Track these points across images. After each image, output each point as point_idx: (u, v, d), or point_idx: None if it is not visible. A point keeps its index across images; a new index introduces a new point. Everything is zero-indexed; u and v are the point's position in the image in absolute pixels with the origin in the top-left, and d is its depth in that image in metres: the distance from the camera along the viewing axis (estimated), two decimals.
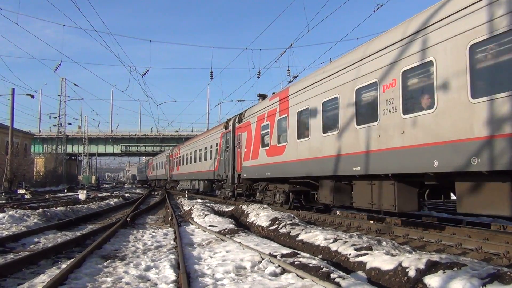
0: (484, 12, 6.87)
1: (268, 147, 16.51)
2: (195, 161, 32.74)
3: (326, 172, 11.86)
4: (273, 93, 17.63)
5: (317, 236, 8.40)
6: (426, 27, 8.14)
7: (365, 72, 10.14)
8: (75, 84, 76.68)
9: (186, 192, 33.75)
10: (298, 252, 6.95)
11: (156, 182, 63.31)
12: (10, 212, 12.73)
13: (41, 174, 63.38)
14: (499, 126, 6.51)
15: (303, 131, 13.56)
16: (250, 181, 20.02)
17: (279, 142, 15.37)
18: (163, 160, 53.21)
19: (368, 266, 6.11)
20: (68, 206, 17.07)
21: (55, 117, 69.14)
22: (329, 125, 11.90)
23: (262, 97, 20.75)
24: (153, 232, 10.80)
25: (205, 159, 28.77)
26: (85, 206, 18.84)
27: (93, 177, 71.13)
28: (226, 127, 23.60)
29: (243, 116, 20.37)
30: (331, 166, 11.50)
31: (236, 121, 21.72)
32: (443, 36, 7.67)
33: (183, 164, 38.54)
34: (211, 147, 27.41)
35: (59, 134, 72.12)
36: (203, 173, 29.11)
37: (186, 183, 37.00)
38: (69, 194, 36.13)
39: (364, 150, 9.98)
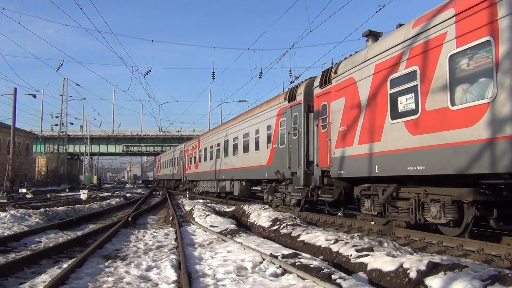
0: None
1: (413, 117, 8.77)
2: (226, 155, 24.17)
3: None
4: (398, 24, 10.40)
5: (318, 237, 8.40)
6: None
7: None
8: (77, 84, 76.39)
9: (183, 192, 33.39)
10: (299, 253, 6.95)
11: (166, 183, 54.01)
12: (12, 212, 12.76)
13: (42, 173, 63.52)
14: None
15: None
16: (345, 182, 12.21)
17: (453, 103, 7.76)
18: (175, 157, 44.00)
19: (369, 267, 6.11)
20: (70, 206, 17.11)
21: (57, 117, 69.31)
22: None
23: (373, 37, 11.80)
24: (154, 232, 10.82)
25: (246, 150, 20.46)
26: (87, 205, 18.88)
27: (95, 177, 71.08)
28: (291, 98, 15.56)
29: (335, 74, 12.28)
30: None
31: (319, 83, 13.35)
32: None
33: (205, 159, 29.79)
34: (257, 132, 19.09)
35: (61, 134, 72.21)
36: (242, 171, 20.86)
37: (209, 185, 28.32)
38: (70, 193, 36.21)
39: None
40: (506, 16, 6.76)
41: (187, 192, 33.48)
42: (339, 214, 13.62)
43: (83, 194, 25.88)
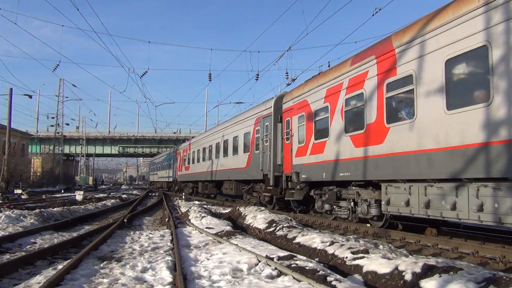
0: None
1: None
2: None
3: None
4: None
5: (314, 239, 8.41)
6: None
7: None
8: (73, 85, 76.03)
9: (183, 193, 32.27)
10: (295, 254, 6.96)
11: (203, 187, 30.15)
12: (7, 212, 12.69)
13: (38, 174, 63.17)
14: None
15: None
16: None
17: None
18: (236, 136, 21.58)
19: (364, 270, 6.12)
20: (65, 207, 17.03)
21: (53, 118, 68.96)
22: None
23: None
24: (150, 233, 10.79)
25: None
26: (82, 207, 18.80)
27: (90, 178, 70.77)
28: None
29: None
30: None
31: None
32: None
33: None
34: None
35: (57, 135, 71.94)
36: None
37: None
38: (66, 194, 36.04)
39: None
40: None
41: (183, 194, 32.19)
42: None
43: (79, 195, 25.79)
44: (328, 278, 5.28)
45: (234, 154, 21.76)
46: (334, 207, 12.65)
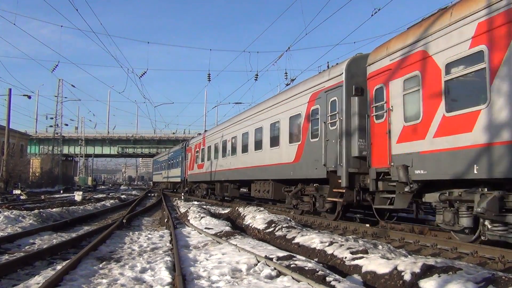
0: None
1: None
2: None
3: None
4: None
5: (313, 239, 8.41)
6: None
7: None
8: (72, 85, 75.78)
9: (183, 194, 31.94)
10: (294, 255, 6.96)
11: (220, 188, 26.02)
12: (6, 213, 12.68)
13: (37, 175, 63.11)
14: None
15: None
16: None
17: None
18: (274, 121, 16.74)
19: (363, 270, 6.12)
20: (64, 207, 17.02)
21: (52, 118, 68.79)
22: None
23: None
24: (149, 234, 10.78)
25: None
26: (81, 207, 18.79)
27: (89, 178, 70.64)
28: None
29: None
30: None
31: None
32: None
33: None
34: None
35: (56, 135, 71.80)
36: None
37: None
38: (65, 195, 35.98)
39: None
40: None
41: (182, 194, 31.99)
42: None
43: (78, 196, 25.77)
44: (327, 278, 5.28)
45: (273, 146, 16.65)
46: (486, 223, 7.41)
